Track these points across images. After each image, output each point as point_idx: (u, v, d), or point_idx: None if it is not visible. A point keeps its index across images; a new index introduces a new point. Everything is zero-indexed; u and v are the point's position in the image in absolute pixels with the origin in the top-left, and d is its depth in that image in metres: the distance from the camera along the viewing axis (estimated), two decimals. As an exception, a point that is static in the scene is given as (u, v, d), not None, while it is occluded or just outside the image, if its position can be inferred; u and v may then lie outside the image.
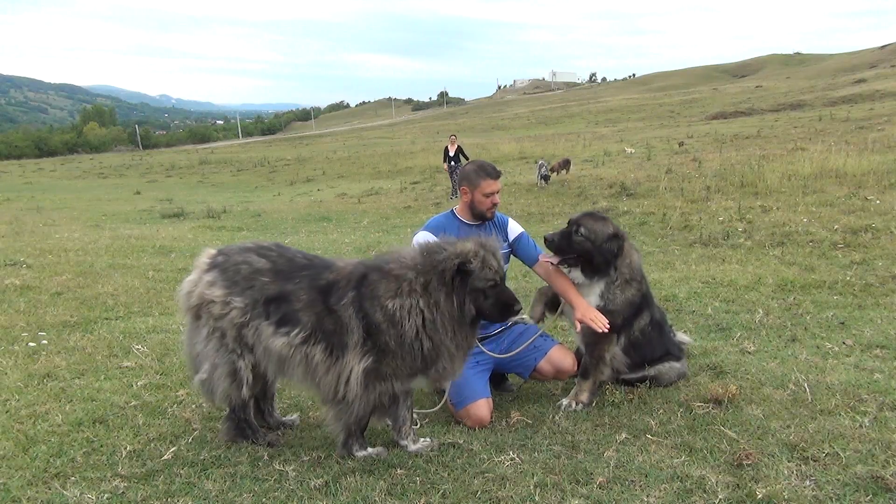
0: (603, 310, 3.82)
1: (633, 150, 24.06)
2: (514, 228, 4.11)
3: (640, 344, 4.03)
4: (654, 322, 4.10)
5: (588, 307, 3.78)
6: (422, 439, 3.49)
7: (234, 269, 3.37)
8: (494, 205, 3.95)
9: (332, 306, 3.23)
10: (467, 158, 18.26)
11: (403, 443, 3.44)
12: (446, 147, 19.44)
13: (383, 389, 3.25)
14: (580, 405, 3.87)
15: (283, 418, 3.81)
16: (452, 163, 19.04)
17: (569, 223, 3.92)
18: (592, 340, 3.90)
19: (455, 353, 3.26)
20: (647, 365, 4.09)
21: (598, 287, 3.88)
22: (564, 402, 3.92)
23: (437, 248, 3.26)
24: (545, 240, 3.93)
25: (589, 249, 3.79)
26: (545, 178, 17.77)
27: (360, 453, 3.32)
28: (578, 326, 3.76)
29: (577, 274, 3.90)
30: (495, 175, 3.91)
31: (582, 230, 3.81)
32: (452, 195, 18.05)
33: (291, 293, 3.28)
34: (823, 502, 2.80)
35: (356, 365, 3.18)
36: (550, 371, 4.02)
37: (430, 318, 3.15)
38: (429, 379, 3.38)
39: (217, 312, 3.32)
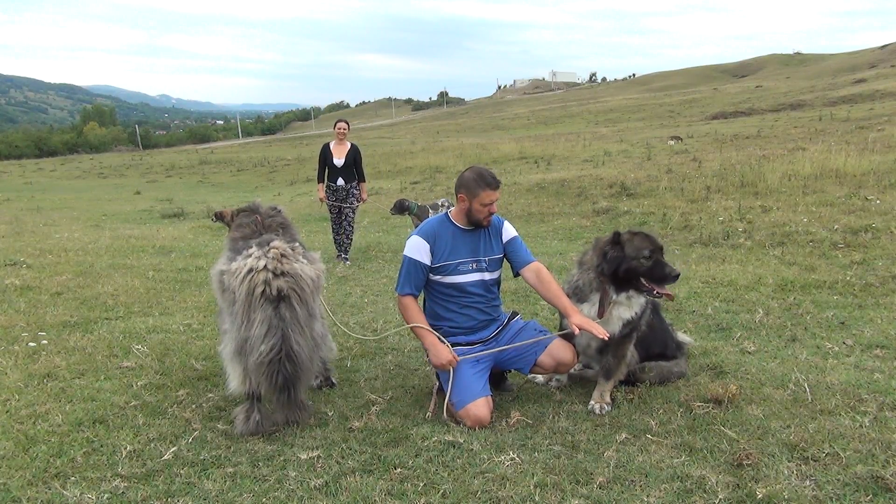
0: (635, 318, 3.91)
1: (675, 142, 23.96)
2: (509, 231, 4.11)
3: (644, 337, 4.11)
4: (654, 311, 4.21)
5: (583, 315, 3.80)
6: None
7: None
8: (491, 214, 3.93)
9: None
10: (364, 179, 9.54)
11: None
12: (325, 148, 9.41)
13: None
14: (608, 406, 3.86)
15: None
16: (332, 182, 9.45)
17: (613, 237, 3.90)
18: (615, 341, 3.91)
19: None
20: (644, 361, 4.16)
21: (638, 301, 3.91)
22: (595, 406, 3.86)
23: None
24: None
25: (635, 267, 3.79)
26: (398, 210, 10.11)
27: None
28: (577, 331, 3.75)
29: (616, 296, 3.86)
30: (495, 185, 3.83)
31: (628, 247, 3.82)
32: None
33: None
34: (823, 502, 2.80)
35: None
36: (551, 364, 4.01)
37: None
38: None
39: None
